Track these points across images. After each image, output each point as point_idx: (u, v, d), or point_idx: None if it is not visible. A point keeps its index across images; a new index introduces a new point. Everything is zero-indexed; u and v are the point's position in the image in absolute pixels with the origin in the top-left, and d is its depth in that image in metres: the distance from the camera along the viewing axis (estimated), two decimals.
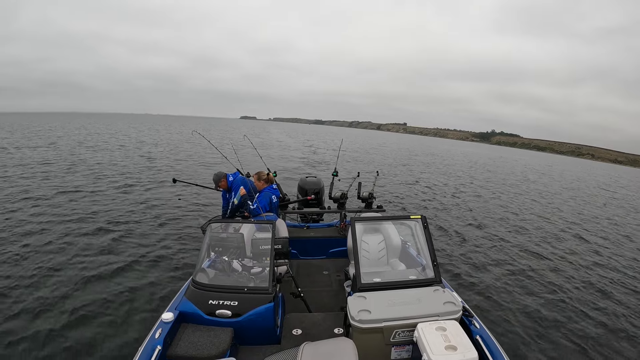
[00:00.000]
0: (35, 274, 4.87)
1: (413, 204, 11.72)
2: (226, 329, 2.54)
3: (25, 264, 5.17)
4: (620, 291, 5.98)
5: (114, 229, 6.92)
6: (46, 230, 6.58)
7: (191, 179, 8.82)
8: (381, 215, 4.52)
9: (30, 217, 7.28)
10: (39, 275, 4.84)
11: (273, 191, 4.51)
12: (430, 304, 2.50)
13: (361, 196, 5.07)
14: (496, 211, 11.88)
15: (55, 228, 6.75)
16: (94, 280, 4.86)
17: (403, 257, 3.49)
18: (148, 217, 7.94)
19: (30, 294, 4.40)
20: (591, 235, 10.01)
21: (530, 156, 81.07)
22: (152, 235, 6.79)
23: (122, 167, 14.54)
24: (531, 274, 6.35)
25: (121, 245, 6.15)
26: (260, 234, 3.43)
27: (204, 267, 3.02)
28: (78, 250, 5.82)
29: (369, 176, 8.56)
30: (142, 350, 2.23)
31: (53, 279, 4.78)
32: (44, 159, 15.18)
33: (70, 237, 6.34)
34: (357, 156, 28.09)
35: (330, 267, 4.49)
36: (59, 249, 5.77)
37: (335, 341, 2.33)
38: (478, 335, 2.41)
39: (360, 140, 60.22)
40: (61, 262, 5.32)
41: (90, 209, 8.24)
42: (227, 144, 7.19)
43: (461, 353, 2.06)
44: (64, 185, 10.55)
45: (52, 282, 4.71)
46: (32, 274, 4.88)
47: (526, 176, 26.93)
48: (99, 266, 5.28)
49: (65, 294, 4.45)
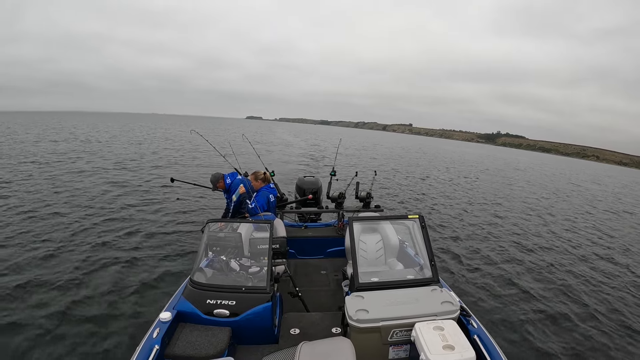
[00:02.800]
0: (33, 274, 4.85)
1: (411, 204, 11.75)
2: (224, 329, 2.54)
3: (22, 262, 5.16)
4: (617, 287, 6.03)
5: (110, 228, 6.89)
6: (38, 229, 6.55)
7: (189, 179, 8.81)
8: (379, 215, 4.53)
9: (25, 217, 7.25)
10: (37, 275, 4.82)
11: (270, 190, 4.51)
12: (427, 303, 2.50)
13: (359, 196, 5.08)
14: (496, 211, 11.93)
15: (51, 227, 6.72)
16: (91, 279, 4.85)
17: (401, 256, 3.50)
18: (146, 216, 7.92)
19: (27, 292, 4.38)
20: (592, 234, 10.08)
21: (534, 157, 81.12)
22: (150, 234, 6.76)
23: (123, 167, 14.50)
24: (530, 273, 6.39)
25: (118, 245, 6.12)
26: (258, 233, 3.42)
27: (202, 266, 3.01)
28: (74, 249, 5.79)
29: (367, 176, 8.57)
30: (140, 350, 2.22)
31: (50, 279, 4.75)
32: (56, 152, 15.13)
33: (66, 236, 6.32)
34: (358, 155, 28.17)
35: (328, 266, 4.49)
36: (56, 248, 5.74)
37: (333, 341, 2.33)
38: (476, 334, 2.41)
39: (365, 140, 60.27)
40: (58, 261, 5.30)
41: (87, 206, 8.22)
42: (229, 143, 7.15)
43: (459, 352, 2.06)
44: (63, 184, 10.52)
45: (50, 281, 4.69)
46: (29, 273, 4.86)
47: (525, 178, 27.09)
48: (96, 265, 5.26)
49: (62, 293, 4.44)
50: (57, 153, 17.13)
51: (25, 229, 6.50)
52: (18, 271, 4.91)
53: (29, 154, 16.31)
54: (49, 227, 6.70)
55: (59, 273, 4.94)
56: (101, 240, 6.23)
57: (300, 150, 28.19)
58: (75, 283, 4.70)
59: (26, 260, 5.23)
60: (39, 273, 4.89)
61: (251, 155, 6.32)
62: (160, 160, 17.30)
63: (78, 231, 6.62)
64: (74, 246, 5.93)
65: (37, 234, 6.30)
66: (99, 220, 7.37)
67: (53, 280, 4.71)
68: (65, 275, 4.87)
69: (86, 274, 4.97)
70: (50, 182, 10.61)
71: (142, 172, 13.64)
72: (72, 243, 6.06)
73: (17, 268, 4.99)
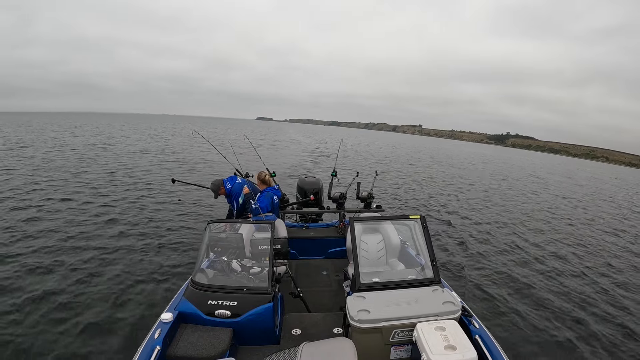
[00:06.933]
0: (33, 274, 4.87)
1: (412, 204, 11.73)
2: (225, 329, 2.54)
3: (19, 259, 5.17)
4: (620, 291, 6.00)
5: (111, 230, 6.91)
6: (39, 230, 6.57)
7: (190, 179, 8.82)
8: (380, 215, 4.52)
9: (28, 220, 7.28)
10: (37, 275, 4.84)
11: (275, 191, 4.52)
12: (429, 303, 2.50)
13: (360, 196, 5.08)
14: (495, 211, 11.90)
15: (52, 227, 6.74)
16: (92, 280, 4.86)
17: (402, 257, 3.49)
18: (146, 216, 7.93)
19: (27, 292, 4.39)
20: (600, 233, 10.04)
21: (543, 158, 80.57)
22: (151, 235, 6.77)
23: (125, 166, 14.53)
24: (530, 273, 6.37)
25: (119, 245, 6.13)
26: (260, 234, 3.42)
27: (203, 267, 3.01)
28: (75, 249, 5.81)
29: (368, 176, 8.57)
30: (142, 351, 2.22)
31: (50, 278, 4.77)
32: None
33: (67, 236, 6.34)
34: (359, 155, 28.17)
35: (330, 267, 4.49)
36: (57, 249, 5.76)
37: (335, 341, 2.33)
38: (477, 335, 2.41)
39: (371, 141, 60.33)
40: (57, 261, 5.31)
41: (88, 207, 8.23)
42: (231, 143, 7.14)
43: (460, 353, 2.06)
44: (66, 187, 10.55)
45: (50, 281, 4.70)
46: (30, 272, 4.87)
47: (531, 174, 27.00)
48: (97, 265, 5.28)
49: (63, 293, 4.45)
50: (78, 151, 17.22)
51: (24, 230, 6.53)
52: (18, 272, 4.93)
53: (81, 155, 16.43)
54: (47, 228, 6.72)
55: (59, 273, 4.96)
56: (100, 241, 6.25)
57: (311, 147, 28.90)
58: (76, 283, 4.71)
59: (26, 261, 5.24)
60: (39, 273, 4.90)
61: (252, 155, 6.32)
62: (169, 163, 17.34)
63: (78, 230, 6.64)
64: (72, 246, 5.95)
65: (36, 235, 6.33)
66: (98, 220, 7.40)
67: (53, 280, 4.73)
68: (65, 276, 4.89)
69: (87, 274, 4.98)
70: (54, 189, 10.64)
71: (143, 172, 13.69)
72: (70, 242, 6.09)
73: (17, 268, 5.01)
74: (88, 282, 4.78)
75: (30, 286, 4.55)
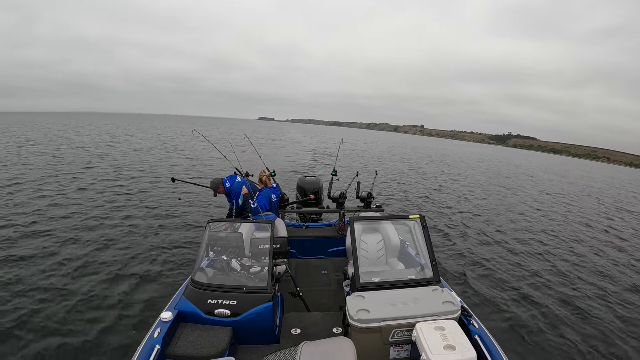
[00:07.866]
0: (30, 272, 4.87)
1: (412, 204, 11.72)
2: (225, 328, 2.54)
3: (19, 259, 5.18)
4: (621, 289, 6.00)
5: (111, 228, 6.91)
6: (39, 230, 6.57)
7: (191, 178, 8.81)
8: (380, 215, 4.52)
9: (24, 212, 7.28)
10: (37, 275, 4.84)
11: (273, 190, 4.52)
12: (428, 303, 2.50)
13: (360, 196, 5.07)
14: (496, 211, 11.89)
15: (52, 227, 6.75)
16: (91, 279, 4.86)
17: (402, 256, 3.49)
18: (147, 216, 7.93)
19: (27, 292, 4.39)
20: (597, 231, 10.04)
21: (544, 158, 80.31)
22: (151, 234, 6.77)
23: (126, 166, 14.53)
24: (530, 273, 6.36)
25: (119, 244, 6.13)
26: (259, 233, 3.42)
27: (203, 266, 3.01)
28: (75, 248, 5.81)
29: (368, 176, 8.56)
30: (141, 350, 2.23)
31: (50, 278, 4.77)
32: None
33: (66, 234, 6.34)
34: (360, 155, 28.16)
35: (329, 266, 4.49)
36: (57, 247, 5.77)
37: (334, 340, 2.33)
38: (477, 334, 2.41)
39: (373, 141, 60.30)
40: (57, 260, 5.31)
41: (89, 206, 8.23)
42: (231, 143, 7.13)
43: (460, 352, 2.06)
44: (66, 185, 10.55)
45: (50, 281, 4.70)
46: (29, 273, 4.87)
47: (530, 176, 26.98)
48: (96, 264, 5.28)
49: (63, 292, 4.45)
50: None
51: (24, 230, 6.53)
52: (17, 271, 4.93)
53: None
54: (47, 228, 6.72)
55: (59, 272, 4.95)
56: (100, 240, 6.24)
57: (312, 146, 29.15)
58: (76, 283, 4.70)
59: (26, 260, 5.25)
60: (39, 272, 4.90)
61: (252, 153, 6.32)
62: (169, 160, 17.33)
63: (78, 231, 6.63)
64: (71, 244, 5.95)
65: (36, 235, 6.33)
66: (98, 218, 7.40)
67: (53, 280, 4.73)
68: (65, 275, 4.89)
69: (86, 274, 4.98)
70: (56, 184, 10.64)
71: (143, 171, 13.68)
72: (69, 240, 6.09)
73: (17, 268, 5.01)
74: (87, 281, 4.78)
75: (30, 284, 4.56)
